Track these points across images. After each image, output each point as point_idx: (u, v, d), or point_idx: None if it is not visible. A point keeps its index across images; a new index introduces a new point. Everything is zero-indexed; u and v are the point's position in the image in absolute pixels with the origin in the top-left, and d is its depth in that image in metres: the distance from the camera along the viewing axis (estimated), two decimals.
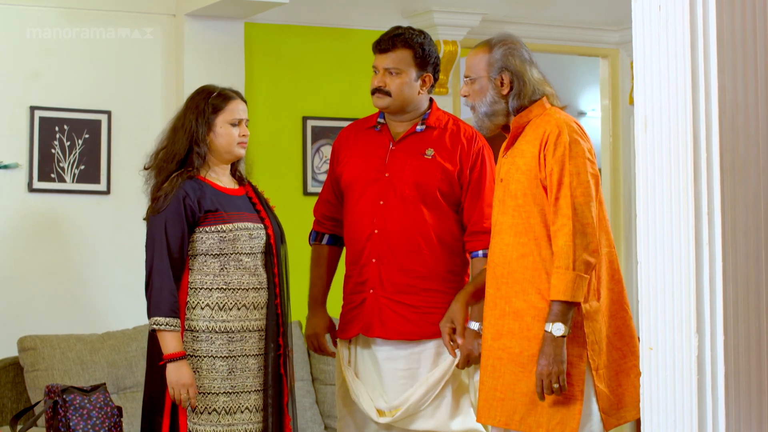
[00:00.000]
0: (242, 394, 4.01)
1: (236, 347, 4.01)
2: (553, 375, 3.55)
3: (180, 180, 4.03)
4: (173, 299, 3.96)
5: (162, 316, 3.94)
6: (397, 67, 4.24)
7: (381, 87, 4.24)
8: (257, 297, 4.06)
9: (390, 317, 4.20)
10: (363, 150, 4.33)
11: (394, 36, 4.26)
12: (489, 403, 3.74)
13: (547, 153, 3.66)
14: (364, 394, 4.24)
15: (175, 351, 3.94)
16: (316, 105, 6.22)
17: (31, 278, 5.55)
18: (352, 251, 4.30)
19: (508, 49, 3.79)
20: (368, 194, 4.26)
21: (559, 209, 3.62)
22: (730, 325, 2.91)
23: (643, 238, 3.04)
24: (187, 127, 4.09)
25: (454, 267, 4.25)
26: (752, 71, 2.95)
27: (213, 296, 4.01)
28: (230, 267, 4.02)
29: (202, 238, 4.03)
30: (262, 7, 5.73)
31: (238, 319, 4.02)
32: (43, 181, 5.57)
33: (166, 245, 3.98)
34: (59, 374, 5.16)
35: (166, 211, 4.00)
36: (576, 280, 3.55)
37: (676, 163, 2.96)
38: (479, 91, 3.80)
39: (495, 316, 3.75)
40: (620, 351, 3.72)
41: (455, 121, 4.33)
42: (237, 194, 4.14)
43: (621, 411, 3.70)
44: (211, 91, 4.15)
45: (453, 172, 4.21)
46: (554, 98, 3.82)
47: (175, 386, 3.93)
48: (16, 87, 5.57)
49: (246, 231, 4.04)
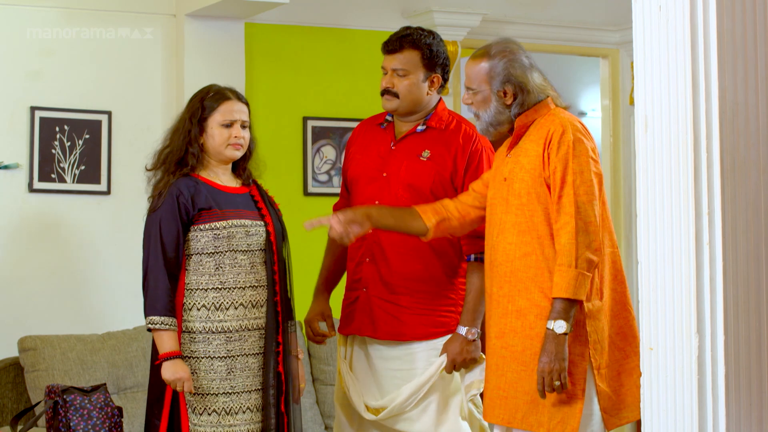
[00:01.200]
0: (243, 394, 4.00)
1: (235, 347, 4.00)
2: (554, 372, 3.56)
3: (173, 178, 4.03)
4: (168, 298, 3.95)
5: (157, 315, 3.94)
6: (404, 68, 4.22)
7: (389, 88, 4.23)
8: (255, 295, 4.04)
9: (381, 317, 4.19)
10: (368, 147, 4.33)
11: (402, 37, 4.24)
12: (493, 402, 3.75)
13: (551, 151, 3.66)
14: (356, 389, 4.24)
15: (170, 350, 3.93)
16: (317, 105, 6.21)
17: (32, 278, 5.55)
18: (351, 248, 4.30)
19: (508, 61, 3.78)
20: (367, 193, 4.26)
21: (562, 207, 3.63)
22: (731, 326, 2.91)
23: (644, 238, 3.04)
24: (183, 129, 4.09)
25: (446, 269, 4.23)
26: (752, 71, 2.96)
27: (209, 297, 4.00)
28: (225, 265, 4.00)
29: (197, 236, 4.02)
30: (263, 7, 5.73)
31: (235, 319, 4.01)
32: (43, 181, 5.56)
33: (160, 244, 3.98)
34: (60, 374, 5.16)
35: (161, 210, 4.00)
36: (578, 278, 3.56)
37: (677, 163, 2.96)
38: (482, 102, 3.81)
39: (498, 315, 3.75)
40: (623, 351, 3.72)
41: (459, 121, 4.29)
42: (237, 192, 4.13)
43: (623, 411, 3.70)
44: (208, 91, 4.14)
45: (446, 175, 4.20)
46: (557, 99, 3.83)
47: (173, 381, 3.92)
48: (17, 87, 5.57)
49: (242, 228, 4.02)
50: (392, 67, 4.23)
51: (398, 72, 4.22)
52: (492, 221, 3.84)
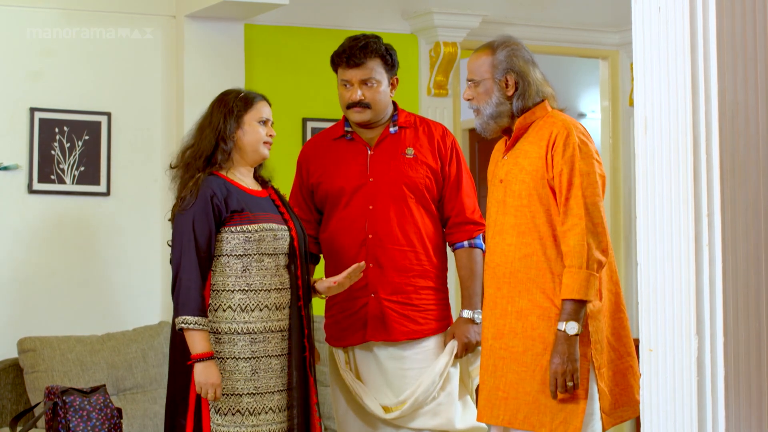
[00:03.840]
0: (266, 394, 4.00)
1: (259, 348, 3.99)
2: (567, 373, 3.58)
3: (204, 176, 4.02)
4: (201, 298, 3.92)
5: (190, 315, 3.90)
6: (373, 77, 4.25)
7: (361, 101, 4.24)
8: (279, 298, 4.04)
9: (394, 318, 4.24)
10: (338, 160, 4.34)
11: (363, 48, 4.25)
12: (491, 402, 3.75)
13: (556, 153, 3.67)
14: (368, 394, 4.25)
15: (203, 351, 3.91)
16: (316, 106, 6.21)
17: (31, 279, 5.55)
18: (344, 259, 4.30)
19: (511, 51, 3.80)
20: (355, 201, 4.28)
21: (569, 209, 3.64)
22: (730, 327, 2.91)
23: (643, 239, 3.04)
24: (214, 125, 4.08)
25: (441, 263, 4.34)
26: (752, 72, 2.96)
27: (235, 298, 3.99)
28: (252, 268, 3.99)
29: (227, 238, 4.01)
30: (262, 9, 5.72)
31: (260, 320, 4.00)
32: (43, 182, 5.56)
33: (194, 243, 3.94)
34: (59, 376, 5.16)
35: (194, 209, 3.97)
36: (589, 279, 3.58)
37: (676, 165, 2.96)
38: (484, 94, 3.81)
39: (496, 316, 3.76)
40: (617, 351, 3.75)
41: (421, 118, 4.40)
42: (261, 195, 4.13)
43: (618, 410, 3.72)
44: (238, 91, 4.16)
45: (436, 169, 4.29)
46: (554, 100, 3.84)
47: (203, 386, 3.91)
48: (16, 88, 5.57)
49: (271, 232, 4.03)
50: (360, 79, 4.24)
51: (367, 82, 4.24)
52: (488, 223, 3.85)
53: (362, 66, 4.24)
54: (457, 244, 4.34)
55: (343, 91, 4.27)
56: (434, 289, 4.30)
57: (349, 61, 4.24)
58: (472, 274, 4.26)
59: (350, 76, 4.25)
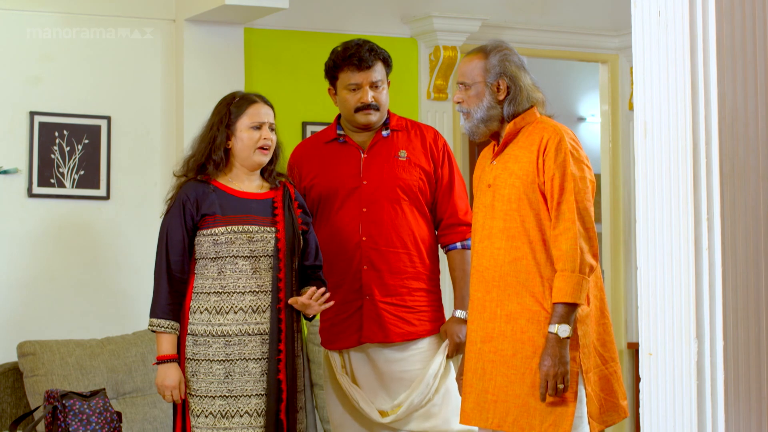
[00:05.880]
0: (241, 398, 4.01)
1: (234, 351, 4.02)
2: (558, 376, 3.60)
3: (184, 182, 4.09)
4: (166, 301, 4.02)
5: (156, 318, 4.03)
6: (381, 79, 4.32)
7: (373, 102, 4.27)
8: (255, 300, 4.04)
9: (389, 320, 4.26)
10: (332, 162, 4.35)
11: (371, 50, 4.30)
12: (480, 405, 3.76)
13: (547, 158, 3.69)
14: (364, 398, 4.26)
15: (166, 353, 4.01)
16: (316, 110, 6.21)
17: (31, 283, 5.55)
18: (338, 261, 4.31)
19: (504, 55, 3.82)
20: (349, 204, 4.29)
21: (561, 213, 3.65)
22: (730, 331, 2.91)
23: (643, 243, 3.04)
24: (206, 134, 4.13)
25: (433, 265, 4.38)
26: (752, 77, 2.96)
27: (210, 300, 4.04)
28: (226, 270, 4.03)
29: (200, 241, 4.06)
30: (262, 13, 5.73)
31: (235, 323, 4.02)
32: (42, 186, 5.56)
33: (165, 248, 4.05)
34: (59, 379, 5.16)
35: (170, 214, 4.08)
36: (582, 283, 3.60)
37: (676, 169, 2.96)
38: (475, 97, 3.82)
39: (484, 319, 3.77)
40: (602, 357, 3.78)
41: (413, 122, 4.43)
42: (256, 198, 4.12)
43: (604, 415, 3.73)
44: (234, 96, 4.17)
45: (429, 171, 4.33)
46: (542, 106, 3.85)
47: (160, 387, 4.01)
48: (16, 92, 5.57)
49: (245, 234, 4.03)
50: (371, 81, 4.27)
51: (377, 84, 4.27)
52: (474, 228, 3.87)
53: (372, 68, 4.28)
54: (449, 246, 4.37)
55: (350, 95, 4.28)
56: (427, 291, 4.33)
57: (361, 64, 4.27)
58: (465, 275, 4.27)
59: (361, 78, 4.27)
